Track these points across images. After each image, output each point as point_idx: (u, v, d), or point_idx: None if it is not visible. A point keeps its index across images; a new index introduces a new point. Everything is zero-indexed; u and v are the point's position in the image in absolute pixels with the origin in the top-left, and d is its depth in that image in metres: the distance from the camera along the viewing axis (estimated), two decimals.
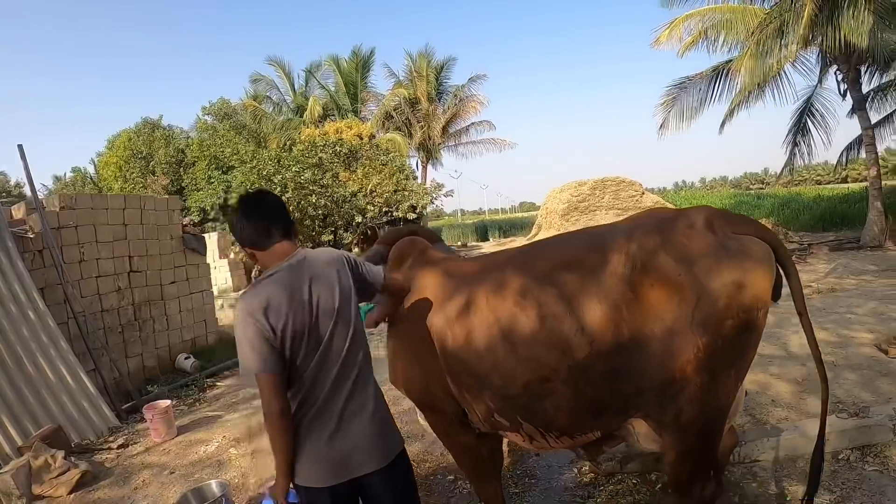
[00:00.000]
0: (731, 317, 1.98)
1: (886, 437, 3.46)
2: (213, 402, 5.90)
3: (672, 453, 2.21)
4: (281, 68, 28.05)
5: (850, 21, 10.43)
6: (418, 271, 2.66)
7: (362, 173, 17.06)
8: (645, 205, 20.16)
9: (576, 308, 2.13)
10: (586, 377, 2.14)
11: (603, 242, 2.21)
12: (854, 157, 17.35)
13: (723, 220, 2.13)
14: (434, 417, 2.66)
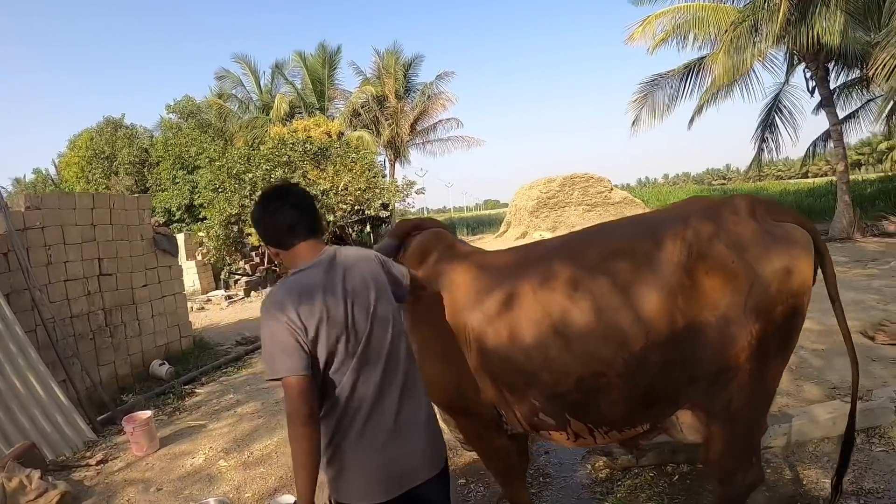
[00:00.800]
0: (781, 302, 2.01)
1: (889, 418, 3.57)
2: (194, 410, 5.60)
3: (720, 442, 2.18)
4: (247, 65, 27.44)
5: (822, 20, 10.71)
6: (447, 266, 2.48)
7: (332, 171, 16.79)
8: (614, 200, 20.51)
9: (631, 298, 2.05)
10: (641, 369, 2.07)
11: (655, 229, 2.15)
12: (821, 152, 17.83)
13: (763, 207, 2.15)
14: (466, 421, 2.50)
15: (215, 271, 15.37)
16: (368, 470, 1.74)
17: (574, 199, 20.21)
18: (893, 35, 7.67)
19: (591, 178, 20.59)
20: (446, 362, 2.36)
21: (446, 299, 2.35)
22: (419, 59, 28.80)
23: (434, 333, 2.39)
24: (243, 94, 27.64)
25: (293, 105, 26.21)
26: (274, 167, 15.42)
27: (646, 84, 16.55)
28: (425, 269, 2.52)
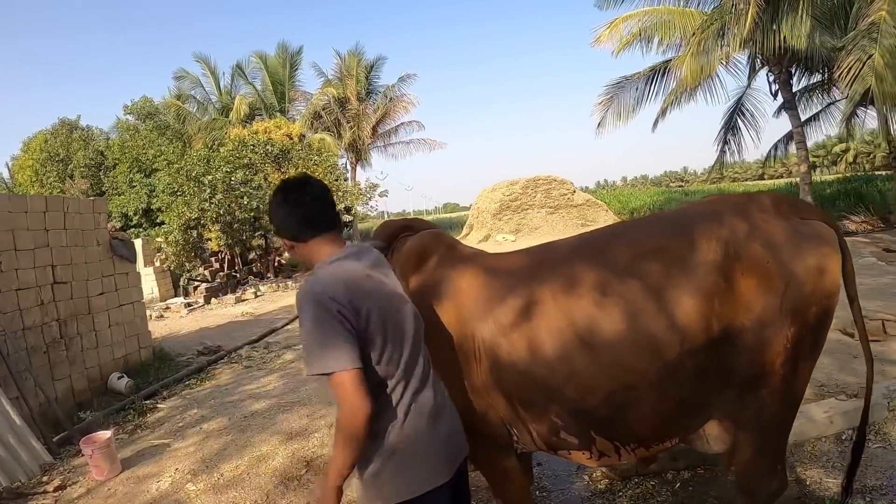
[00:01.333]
0: (815, 303, 1.94)
1: (883, 414, 3.62)
2: (157, 427, 5.22)
3: (748, 451, 2.06)
4: (207, 65, 26.86)
5: (789, 24, 10.96)
6: (450, 270, 2.23)
7: (294, 174, 16.45)
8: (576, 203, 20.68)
9: (666, 302, 1.88)
10: (674, 379, 1.91)
11: (687, 228, 1.98)
12: (782, 154, 18.35)
13: (788, 204, 2.07)
14: (472, 442, 2.24)
15: (174, 278, 14.83)
16: (426, 454, 1.69)
17: (537, 201, 20.31)
18: (859, 40, 7.84)
19: (554, 180, 20.73)
20: (448, 378, 2.11)
21: (449, 308, 2.12)
22: (381, 60, 28.95)
23: (437, 346, 2.12)
24: (202, 96, 27.06)
25: (253, 107, 25.83)
26: (234, 169, 15.02)
27: (611, 86, 16.81)
28: (424, 273, 2.28)
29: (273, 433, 4.64)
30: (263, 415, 5.16)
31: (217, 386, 6.49)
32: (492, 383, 2.06)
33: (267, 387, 6.14)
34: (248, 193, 14.91)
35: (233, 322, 10.97)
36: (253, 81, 26.82)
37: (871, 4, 7.93)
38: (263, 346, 8.51)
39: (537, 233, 20.32)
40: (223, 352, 8.07)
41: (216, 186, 14.22)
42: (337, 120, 27.13)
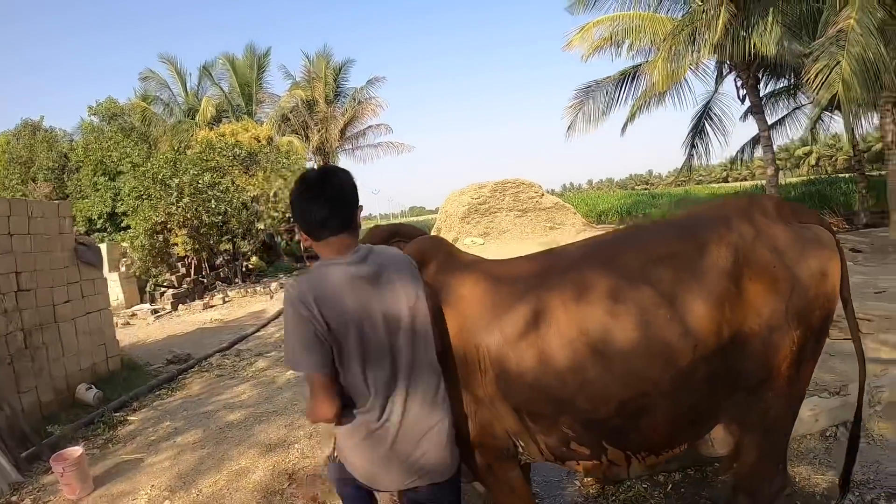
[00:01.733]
0: (818, 306, 1.97)
1: (865, 411, 3.62)
2: (128, 441, 5.00)
3: (753, 453, 2.08)
4: (173, 66, 26.33)
5: (759, 31, 11.23)
6: (450, 277, 2.13)
7: (263, 177, 16.18)
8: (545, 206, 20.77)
9: (678, 308, 1.87)
10: (687, 386, 1.89)
11: (696, 233, 1.98)
12: (748, 157, 18.79)
13: (789, 209, 2.09)
14: (476, 455, 2.16)
15: (140, 284, 14.41)
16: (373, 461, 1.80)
17: (505, 204, 20.32)
18: (827, 47, 8.06)
19: (522, 183, 20.79)
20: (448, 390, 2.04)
21: (451, 316, 2.03)
22: (350, 63, 28.85)
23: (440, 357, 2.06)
24: (168, 97, 26.54)
25: (220, 109, 25.34)
26: (202, 172, 14.66)
27: (581, 90, 16.97)
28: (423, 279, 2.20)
29: (251, 445, 4.49)
30: (239, 426, 5.00)
31: (189, 396, 6.28)
32: (498, 395, 1.99)
33: (241, 396, 5.97)
34: (215, 197, 14.60)
35: (201, 329, 10.69)
36: (220, 83, 26.42)
37: (840, 13, 8.17)
38: (234, 353, 8.29)
39: (506, 236, 20.34)
40: (193, 360, 7.84)
41: (183, 190, 13.87)
42: (305, 122, 26.92)
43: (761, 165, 15.27)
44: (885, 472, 3.06)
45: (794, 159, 58.66)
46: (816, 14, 10.27)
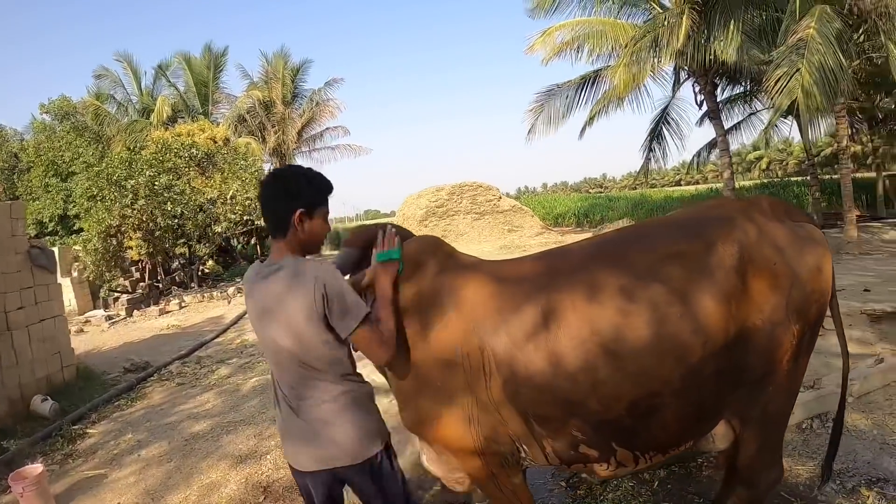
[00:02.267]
0: (815, 301, 2.03)
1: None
2: (89, 456, 4.72)
3: (753, 446, 2.13)
4: (128, 64, 25.37)
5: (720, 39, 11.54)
6: (453, 279, 2.07)
7: (220, 179, 15.78)
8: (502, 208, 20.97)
9: (689, 306, 1.88)
10: (696, 383, 1.90)
11: (701, 231, 2.01)
12: (704, 160, 19.33)
13: (782, 208, 2.16)
14: (479, 463, 2.09)
15: (93, 289, 13.85)
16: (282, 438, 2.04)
17: (463, 207, 20.41)
18: (788, 54, 8.33)
19: (480, 186, 20.93)
20: (449, 397, 1.99)
21: (454, 320, 1.98)
22: (308, 64, 28.50)
23: (433, 363, 2.00)
24: (123, 96, 25.58)
25: (175, 109, 24.60)
26: (158, 173, 14.19)
27: (542, 94, 17.10)
28: (420, 283, 2.10)
29: (220, 457, 4.32)
30: (206, 437, 4.81)
31: (150, 406, 6.03)
32: (504, 399, 1.94)
33: (205, 405, 5.76)
34: (171, 199, 14.16)
35: (158, 336, 10.33)
36: (175, 82, 25.61)
37: (800, 22, 8.47)
38: (194, 360, 8.03)
39: (463, 239, 20.39)
40: (152, 368, 7.54)
41: (138, 191, 13.39)
42: (262, 124, 26.42)
43: (713, 169, 15.77)
44: (862, 460, 3.18)
45: (746, 163, 60.85)
46: (776, 23, 10.63)
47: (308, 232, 1.90)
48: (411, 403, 2.10)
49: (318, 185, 1.93)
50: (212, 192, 15.42)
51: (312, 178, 1.93)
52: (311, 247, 1.96)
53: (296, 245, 1.90)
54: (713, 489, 3.03)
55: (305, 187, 1.90)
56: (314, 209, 1.90)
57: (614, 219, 20.84)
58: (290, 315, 1.81)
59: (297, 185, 1.89)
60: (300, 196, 1.87)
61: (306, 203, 1.88)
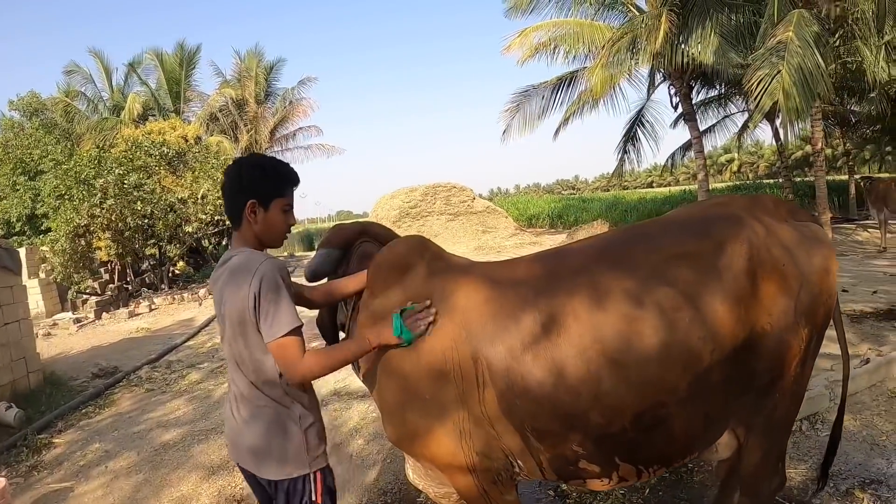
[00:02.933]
0: (822, 303, 1.96)
1: (825, 404, 3.82)
2: (55, 467, 4.47)
3: (758, 454, 2.04)
4: (100, 60, 24.78)
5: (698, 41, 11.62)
6: (444, 283, 1.94)
7: (191, 178, 15.44)
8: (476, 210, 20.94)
9: (699, 310, 1.77)
10: (704, 392, 1.80)
11: (711, 231, 1.90)
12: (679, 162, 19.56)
13: (785, 207, 2.09)
14: (470, 479, 1.96)
15: (61, 291, 13.38)
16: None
17: (437, 208, 20.28)
18: (768, 56, 8.41)
19: (454, 187, 20.83)
20: (439, 410, 1.86)
21: (445, 327, 1.85)
22: (281, 62, 28.27)
23: (421, 374, 1.87)
24: (93, 93, 24.96)
25: (147, 106, 24.08)
26: (128, 172, 13.81)
27: (518, 94, 17.10)
28: (408, 287, 1.97)
29: (192, 468, 4.13)
30: (177, 447, 4.60)
31: (118, 414, 5.77)
32: (500, 413, 1.81)
33: (175, 413, 5.54)
34: (141, 198, 13.77)
35: (128, 339, 10.01)
36: (147, 79, 25.09)
37: (778, 25, 8.57)
38: (165, 365, 7.75)
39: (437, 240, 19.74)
40: (121, 373, 7.26)
41: (108, 190, 12.97)
42: (234, 122, 26.08)
43: (685, 172, 16.01)
44: (854, 462, 3.16)
45: (718, 166, 62.16)
46: (754, 26, 10.75)
47: (263, 223, 1.83)
48: (397, 417, 1.97)
49: (274, 176, 1.85)
50: (182, 191, 15.06)
51: (269, 168, 1.85)
52: (270, 239, 1.89)
53: (250, 237, 1.85)
54: (705, 495, 3.00)
55: (259, 178, 1.82)
56: (269, 200, 1.82)
57: (588, 220, 20.87)
58: (228, 308, 1.77)
59: (251, 175, 1.83)
60: (252, 186, 1.81)
61: (259, 194, 1.81)
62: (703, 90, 16.22)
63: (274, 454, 1.81)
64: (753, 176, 57.61)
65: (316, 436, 1.87)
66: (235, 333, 1.78)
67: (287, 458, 1.81)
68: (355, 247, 2.27)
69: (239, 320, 1.75)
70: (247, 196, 1.80)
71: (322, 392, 5.39)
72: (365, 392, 5.26)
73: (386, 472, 3.68)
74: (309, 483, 1.83)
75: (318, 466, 1.86)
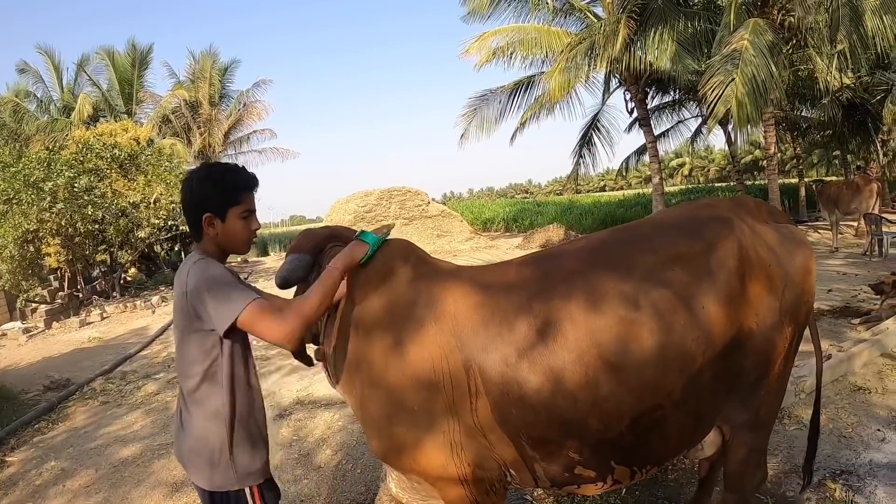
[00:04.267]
0: (804, 302, 2.02)
1: (791, 399, 3.91)
2: (9, 488, 4.22)
3: (743, 451, 2.08)
4: (50, 59, 23.81)
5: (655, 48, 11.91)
6: (430, 288, 1.87)
7: (144, 182, 14.98)
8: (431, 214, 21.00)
9: (694, 312, 1.77)
10: (696, 392, 1.81)
11: (702, 232, 1.91)
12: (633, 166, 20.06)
13: (765, 209, 2.14)
14: (462, 491, 1.89)
15: (9, 299, 12.78)
16: None
17: (392, 212, 20.24)
18: (723, 64, 8.65)
19: (409, 191, 20.85)
20: (428, 422, 1.80)
21: (433, 334, 1.79)
22: (236, 64, 27.77)
23: (408, 384, 1.80)
24: (43, 93, 24.03)
25: (97, 107, 23.29)
26: (78, 175, 13.29)
27: (476, 98, 17.26)
28: (393, 293, 1.89)
29: (153, 485, 3.95)
30: (136, 463, 4.40)
31: (73, 429, 5.50)
32: (494, 422, 1.76)
33: (133, 427, 5.31)
34: (92, 202, 13.27)
35: (80, 349, 9.61)
36: (98, 79, 24.20)
37: (734, 33, 8.83)
38: (119, 376, 7.44)
39: None
40: (74, 386, 6.94)
41: (57, 194, 12.43)
42: (187, 125, 25.44)
43: (636, 175, 16.46)
44: (823, 454, 3.24)
45: (669, 170, 63.97)
46: (710, 34, 11.07)
47: (223, 234, 1.82)
48: (384, 431, 1.88)
49: (226, 185, 1.81)
50: (135, 195, 14.57)
51: (218, 179, 1.81)
52: (234, 247, 1.87)
53: (212, 247, 1.84)
54: (682, 494, 3.03)
55: (209, 190, 1.79)
56: (224, 211, 1.80)
57: (543, 223, 21.15)
58: (174, 317, 1.81)
59: (201, 189, 1.80)
60: (204, 200, 1.79)
61: (213, 206, 1.79)
62: (658, 95, 16.67)
63: (202, 465, 1.80)
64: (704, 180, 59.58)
65: (246, 452, 1.82)
66: (177, 341, 1.81)
67: (214, 470, 1.79)
68: (326, 251, 2.16)
69: (181, 326, 1.76)
70: (201, 209, 1.78)
71: (284, 402, 5.29)
72: (330, 400, 5.16)
73: (357, 483, 3.59)
74: (244, 499, 1.81)
75: (251, 482, 1.82)
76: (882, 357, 4.69)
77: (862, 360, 4.54)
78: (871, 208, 10.75)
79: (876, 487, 2.90)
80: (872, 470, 3.07)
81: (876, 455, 3.21)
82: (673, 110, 17.53)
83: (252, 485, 1.82)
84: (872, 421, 3.62)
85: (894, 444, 3.31)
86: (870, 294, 6.63)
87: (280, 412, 5.01)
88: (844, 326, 5.78)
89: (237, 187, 1.82)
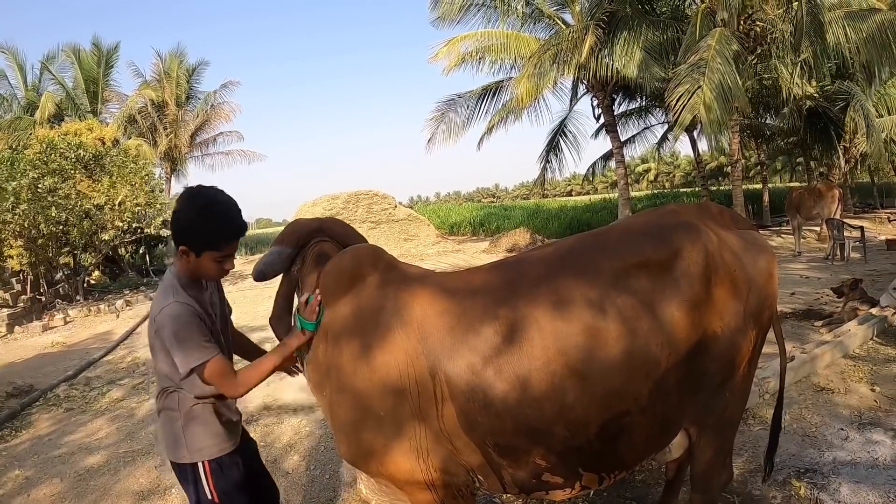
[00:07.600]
0: (767, 306, 2.05)
1: (755, 400, 4.01)
2: None
3: (709, 452, 2.11)
4: (14, 56, 23.14)
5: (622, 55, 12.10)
6: (398, 293, 1.87)
7: (108, 183, 14.66)
8: (398, 217, 21.03)
9: (658, 318, 1.79)
10: (662, 397, 1.83)
11: (668, 238, 1.92)
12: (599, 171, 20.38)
13: (729, 215, 2.19)
14: (429, 496, 1.90)
15: None
16: None
17: (359, 216, 20.21)
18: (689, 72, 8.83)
19: (376, 195, 20.83)
20: (395, 427, 1.80)
21: (400, 340, 1.79)
22: (204, 65, 27.31)
23: (375, 390, 1.80)
24: (7, 90, 23.32)
25: (62, 106, 22.72)
26: (42, 175, 12.95)
27: (444, 103, 17.33)
28: (360, 299, 1.89)
29: (119, 494, 3.86)
30: (102, 471, 4.30)
31: (37, 436, 5.33)
32: (460, 429, 1.77)
33: (98, 434, 5.17)
34: (55, 204, 12.95)
35: (42, 354, 9.33)
36: (63, 77, 23.63)
37: (700, 42, 9.03)
38: (83, 382, 7.24)
39: None
40: (38, 392, 6.74)
41: (20, 194, 12.09)
42: (153, 125, 24.88)
43: (602, 181, 16.76)
44: (787, 453, 3.34)
45: (635, 175, 65.01)
46: (677, 42, 11.30)
47: (194, 266, 1.87)
48: (352, 436, 1.89)
49: (214, 230, 1.83)
50: (99, 197, 14.24)
51: (210, 219, 1.83)
52: (204, 278, 1.95)
53: (184, 269, 1.90)
54: (650, 494, 3.08)
55: (196, 227, 1.82)
56: (200, 251, 1.83)
57: (510, 228, 21.32)
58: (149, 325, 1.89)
59: (189, 221, 1.82)
60: (189, 231, 1.82)
61: (191, 242, 1.82)
62: (625, 102, 16.97)
63: (167, 440, 2.01)
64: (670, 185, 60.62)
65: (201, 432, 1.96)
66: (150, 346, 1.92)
67: (173, 444, 1.98)
68: (310, 245, 2.14)
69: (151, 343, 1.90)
70: (182, 238, 1.83)
71: (250, 407, 5.22)
72: (297, 406, 5.14)
73: (325, 489, 3.56)
74: (197, 472, 1.96)
75: (203, 457, 1.96)
76: (844, 358, 4.84)
77: (825, 361, 4.67)
78: (833, 213, 11.07)
79: (840, 485, 2.98)
80: (836, 468, 3.15)
81: (839, 453, 3.30)
82: (639, 116, 17.89)
83: (204, 459, 1.96)
84: (836, 420, 3.73)
85: (857, 442, 3.41)
86: (832, 297, 6.83)
87: (247, 418, 4.94)
88: (807, 329, 5.95)
89: (223, 236, 1.84)
